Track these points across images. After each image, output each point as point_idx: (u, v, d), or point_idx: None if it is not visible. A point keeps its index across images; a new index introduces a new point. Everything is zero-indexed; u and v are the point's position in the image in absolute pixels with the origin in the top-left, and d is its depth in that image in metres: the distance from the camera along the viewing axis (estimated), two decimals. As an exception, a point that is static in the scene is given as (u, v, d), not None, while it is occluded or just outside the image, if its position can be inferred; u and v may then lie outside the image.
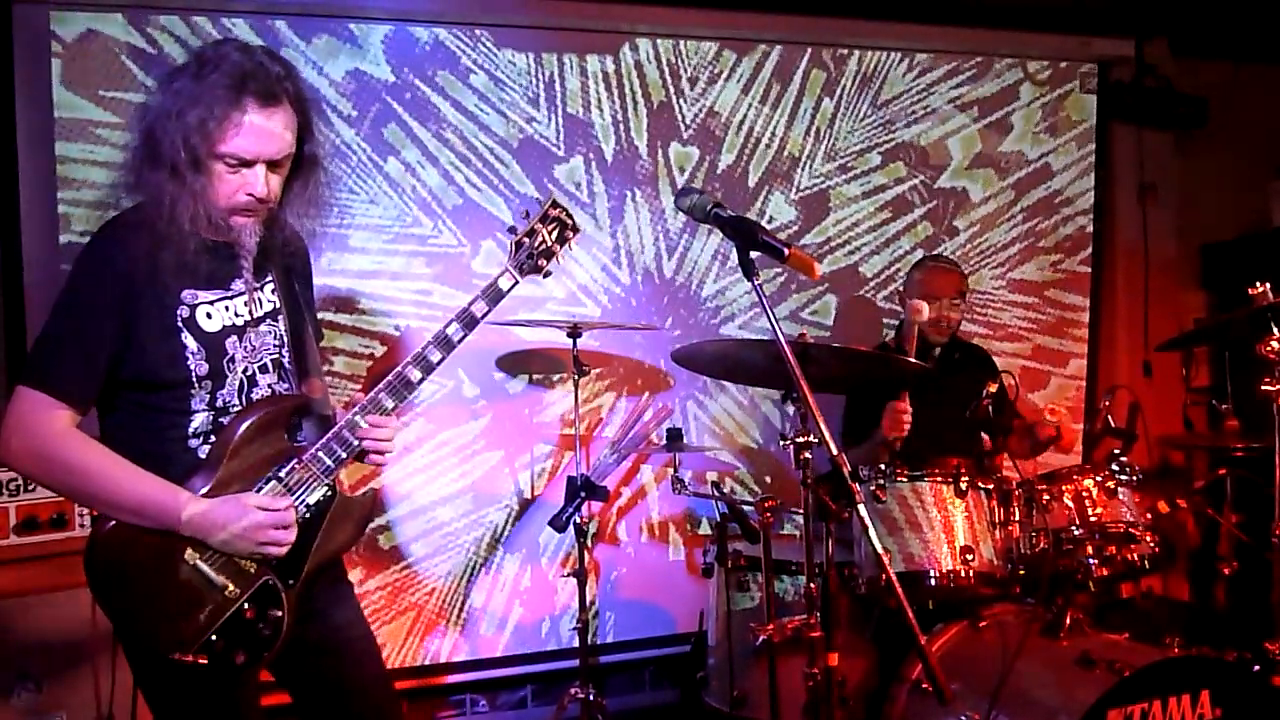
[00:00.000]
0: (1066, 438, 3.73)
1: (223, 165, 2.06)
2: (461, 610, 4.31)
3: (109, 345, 2.06)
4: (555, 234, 2.49)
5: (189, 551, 2.08)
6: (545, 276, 2.51)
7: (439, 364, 2.32)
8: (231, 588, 2.11)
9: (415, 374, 2.29)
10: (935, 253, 4.69)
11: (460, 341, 2.35)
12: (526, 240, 2.46)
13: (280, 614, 2.16)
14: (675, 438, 3.77)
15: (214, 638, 2.08)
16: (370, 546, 4.17)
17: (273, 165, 2.12)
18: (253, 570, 2.14)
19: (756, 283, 2.21)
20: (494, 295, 2.39)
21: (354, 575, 4.05)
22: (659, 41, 4.51)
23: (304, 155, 2.20)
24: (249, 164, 2.08)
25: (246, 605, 2.12)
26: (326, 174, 2.28)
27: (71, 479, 2.07)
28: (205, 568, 2.09)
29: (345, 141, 4.08)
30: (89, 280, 2.08)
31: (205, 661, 2.07)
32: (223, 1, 3.95)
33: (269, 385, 2.25)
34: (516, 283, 2.44)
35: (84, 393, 2.08)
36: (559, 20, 4.38)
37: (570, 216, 2.53)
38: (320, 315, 2.80)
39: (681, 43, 4.54)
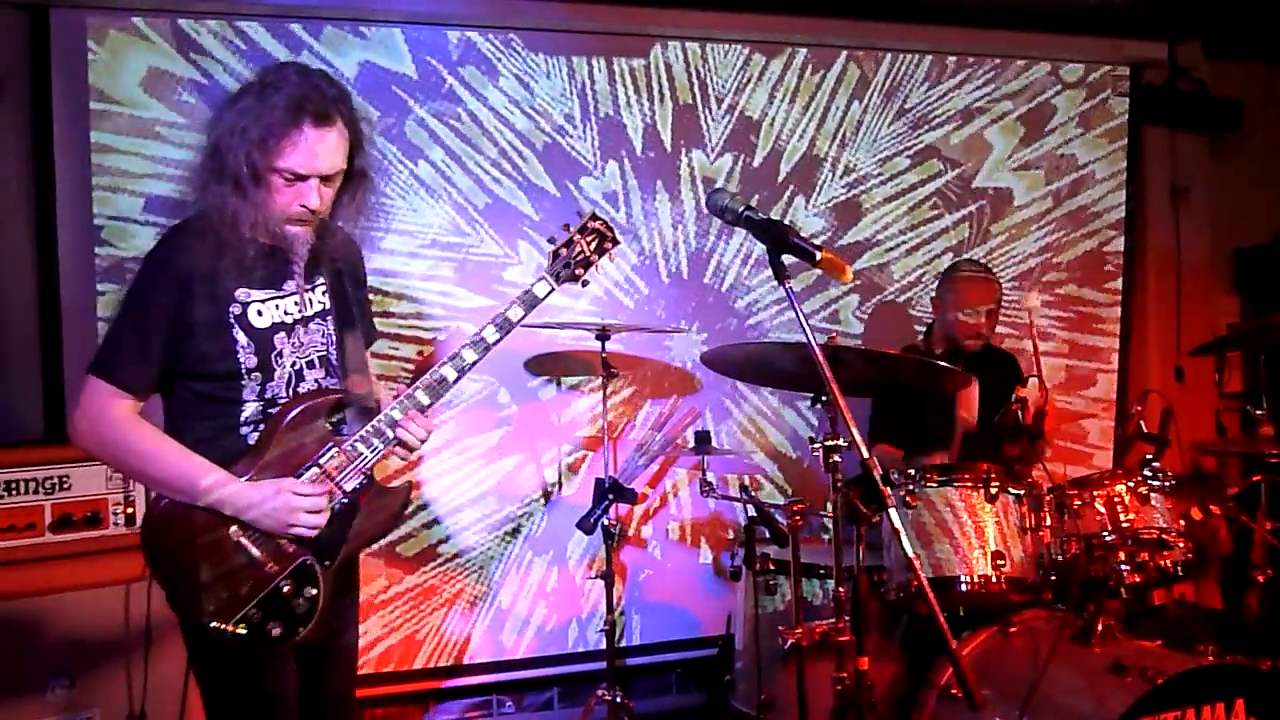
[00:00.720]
0: (1049, 419, 3.59)
1: (280, 179, 2.23)
2: (488, 611, 4.32)
3: (164, 342, 2.24)
4: (594, 245, 2.59)
5: (234, 529, 2.23)
6: (584, 285, 2.62)
7: (474, 365, 2.45)
8: (271, 565, 2.25)
9: (450, 373, 2.42)
10: (968, 257, 4.65)
11: (495, 344, 2.47)
12: (564, 251, 2.57)
13: (316, 592, 2.29)
14: (703, 440, 3.78)
15: (253, 610, 2.22)
16: (398, 548, 4.19)
17: (325, 179, 2.28)
18: (292, 550, 2.27)
19: (788, 285, 2.21)
20: (529, 301, 2.51)
21: (381, 579, 4.11)
22: (688, 45, 4.52)
23: (354, 169, 2.37)
24: (303, 178, 2.24)
25: (285, 582, 2.26)
26: (374, 186, 2.44)
27: (127, 459, 2.28)
28: (248, 544, 2.24)
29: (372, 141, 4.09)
30: (149, 282, 2.26)
31: (244, 632, 2.21)
32: (250, 5, 3.99)
33: (315, 379, 2.39)
34: (553, 290, 2.55)
35: (142, 384, 2.26)
36: (588, 24, 4.40)
37: (610, 229, 2.62)
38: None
39: (710, 46, 4.55)
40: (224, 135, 2.23)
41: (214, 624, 2.19)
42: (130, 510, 3.27)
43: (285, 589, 2.25)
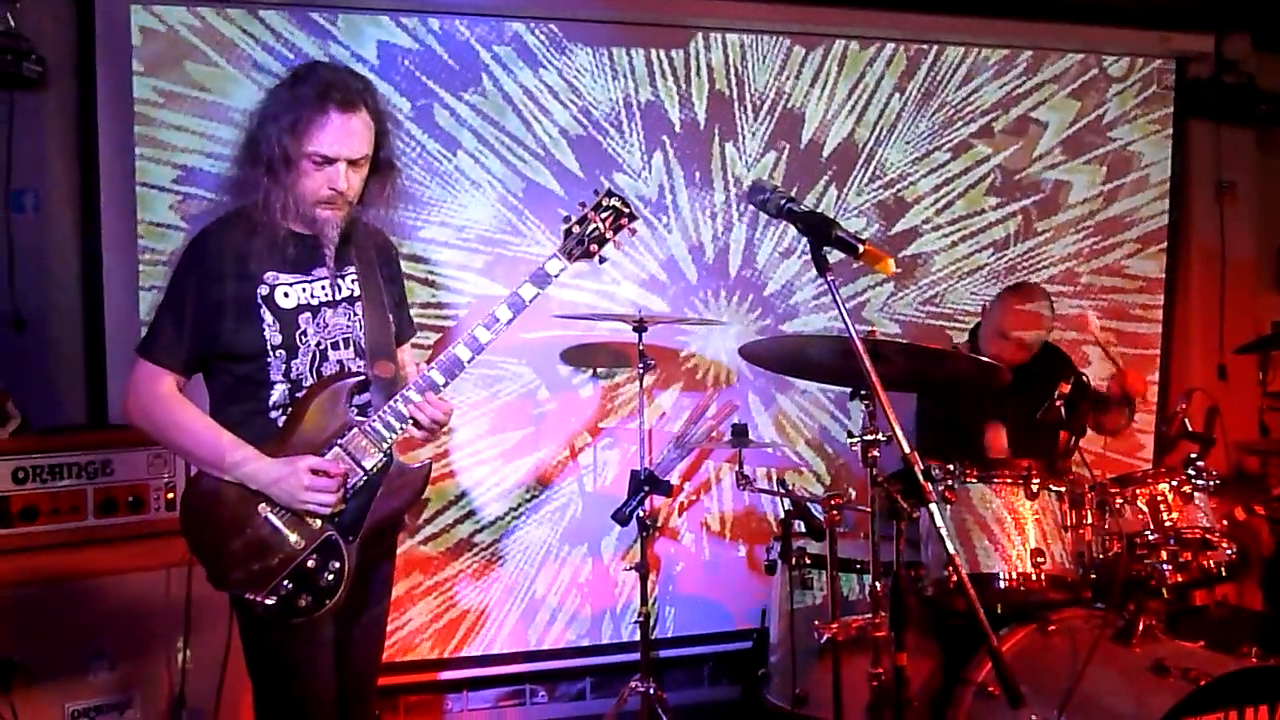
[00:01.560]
0: (1130, 381, 3.61)
1: (309, 163, 2.36)
2: (523, 601, 4.34)
3: (198, 323, 2.39)
4: (609, 220, 2.61)
5: (263, 505, 2.35)
6: (601, 262, 2.65)
7: (488, 344, 2.49)
8: (297, 539, 2.36)
9: (465, 353, 2.47)
10: (1021, 281, 4.51)
11: (509, 323, 2.50)
12: (578, 228, 2.59)
13: (340, 565, 2.38)
14: (741, 433, 3.76)
15: (284, 582, 2.33)
16: (433, 539, 4.22)
17: (352, 164, 2.40)
18: (317, 525, 2.38)
19: (830, 279, 2.19)
20: (541, 279, 2.54)
21: (417, 569, 4.13)
22: (728, 36, 4.49)
23: (380, 160, 2.50)
24: (331, 161, 2.37)
25: (310, 556, 2.36)
26: (402, 177, 2.58)
27: (167, 434, 2.44)
28: (275, 520, 2.35)
29: (411, 135, 4.12)
30: (186, 269, 2.43)
31: (273, 603, 2.32)
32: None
33: (339, 360, 2.49)
34: (565, 268, 2.57)
35: (180, 363, 2.41)
36: (627, 15, 4.39)
37: (626, 205, 2.64)
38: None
39: (749, 37, 4.52)
40: (259, 124, 2.40)
41: (247, 594, 2.31)
42: (171, 495, 3.30)
43: (311, 563, 2.35)
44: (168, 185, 3.92)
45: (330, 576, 2.36)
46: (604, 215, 2.60)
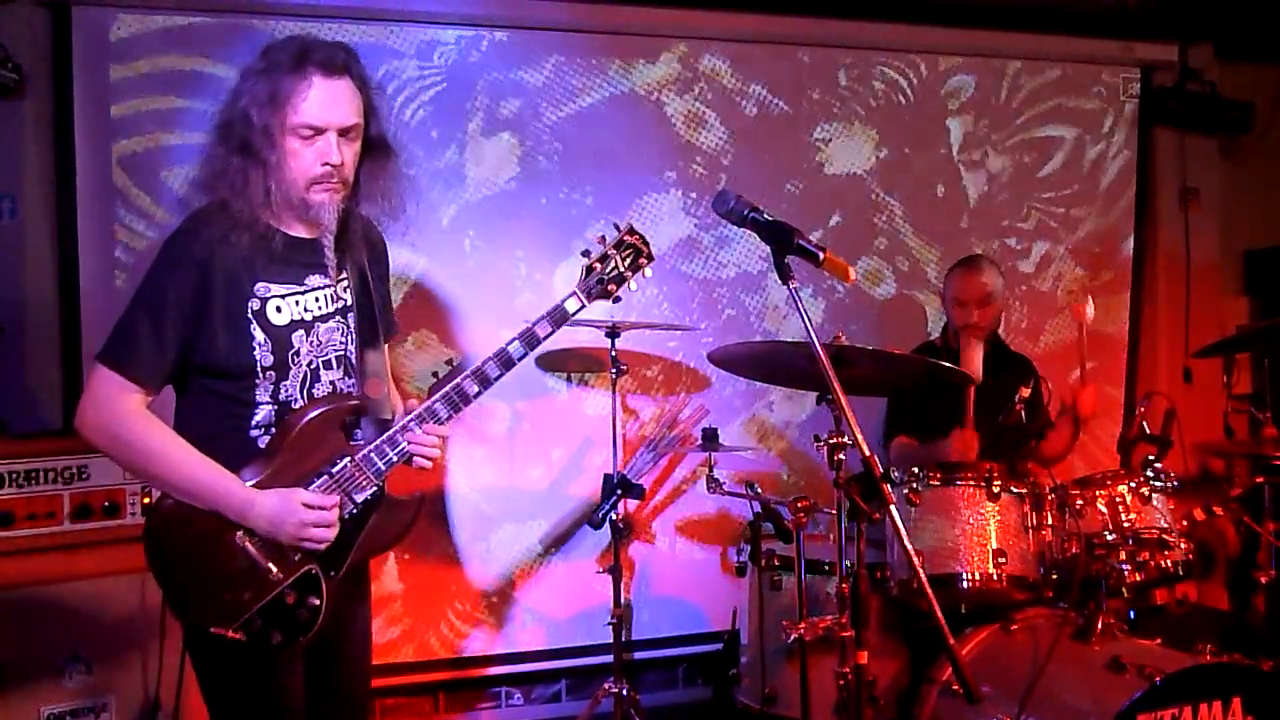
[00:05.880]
0: (1083, 397, 3.71)
1: (296, 139, 2.15)
2: (498, 604, 4.37)
3: (181, 333, 2.17)
4: (629, 260, 2.48)
5: (239, 533, 2.17)
6: (615, 301, 2.52)
7: (496, 380, 2.35)
8: (275, 571, 2.19)
9: (473, 388, 2.32)
10: (971, 254, 4.65)
11: (520, 360, 2.37)
12: (598, 266, 2.46)
13: (319, 602, 2.24)
14: (711, 438, 3.81)
15: (254, 617, 2.17)
16: (409, 541, 4.23)
17: (343, 134, 2.19)
18: (297, 558, 2.21)
19: (792, 286, 2.24)
20: (559, 318, 2.41)
21: (392, 571, 4.16)
22: (702, 44, 4.54)
23: (371, 136, 2.28)
24: (320, 131, 2.15)
25: (288, 590, 2.20)
26: (396, 163, 2.34)
27: (135, 457, 2.19)
28: (252, 550, 2.18)
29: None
30: (166, 269, 2.18)
31: (243, 638, 2.16)
32: (269, 4, 4.06)
33: (331, 381, 2.32)
34: (583, 306, 2.44)
35: (155, 377, 2.18)
36: (604, 25, 4.44)
37: (646, 244, 2.52)
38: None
39: (721, 45, 4.57)
40: (230, 105, 2.17)
41: (213, 628, 2.15)
42: (148, 500, 3.31)
43: (288, 598, 2.20)
44: (145, 191, 3.94)
45: (307, 613, 2.22)
46: (624, 253, 2.47)
